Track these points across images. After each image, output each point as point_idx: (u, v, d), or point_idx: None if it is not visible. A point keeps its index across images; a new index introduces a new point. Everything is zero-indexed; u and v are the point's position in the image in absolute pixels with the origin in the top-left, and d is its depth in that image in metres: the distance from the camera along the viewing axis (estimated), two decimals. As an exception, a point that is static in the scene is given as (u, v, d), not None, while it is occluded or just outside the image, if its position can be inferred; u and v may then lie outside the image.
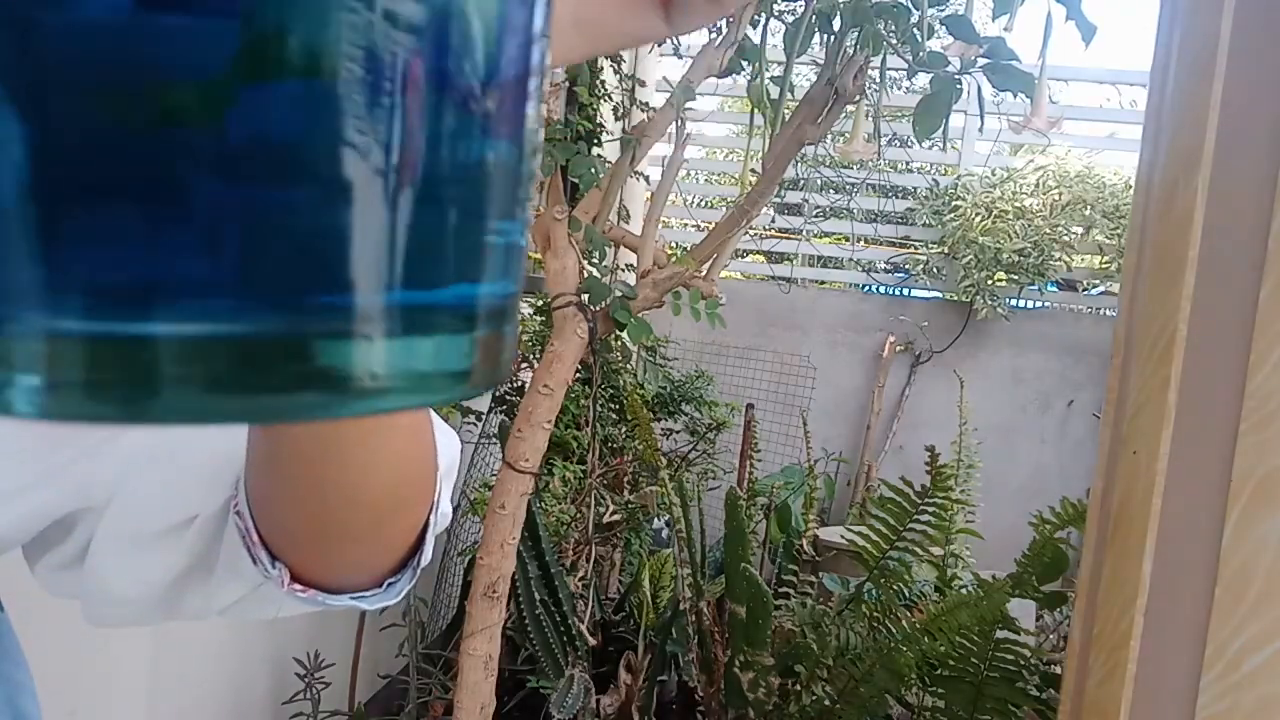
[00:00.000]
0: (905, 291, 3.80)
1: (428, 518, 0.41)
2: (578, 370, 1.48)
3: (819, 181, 3.75)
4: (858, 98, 1.48)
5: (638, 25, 0.21)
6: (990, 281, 3.41)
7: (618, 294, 1.45)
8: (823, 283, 3.95)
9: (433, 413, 0.45)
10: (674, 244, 3.81)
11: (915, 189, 3.80)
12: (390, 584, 0.41)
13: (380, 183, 0.14)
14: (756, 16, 1.48)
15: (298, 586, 0.39)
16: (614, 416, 2.26)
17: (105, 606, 0.44)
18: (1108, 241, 3.43)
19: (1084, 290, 3.67)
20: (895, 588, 1.69)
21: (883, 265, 3.88)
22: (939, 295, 3.64)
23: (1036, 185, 3.55)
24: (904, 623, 1.58)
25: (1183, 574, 0.71)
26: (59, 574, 0.43)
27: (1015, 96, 1.42)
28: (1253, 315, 0.68)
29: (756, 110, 1.56)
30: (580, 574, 1.90)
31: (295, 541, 0.39)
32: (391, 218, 0.14)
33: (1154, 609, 0.73)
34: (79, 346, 0.13)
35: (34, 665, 0.45)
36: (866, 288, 3.91)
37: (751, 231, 3.57)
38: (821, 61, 1.47)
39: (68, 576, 0.43)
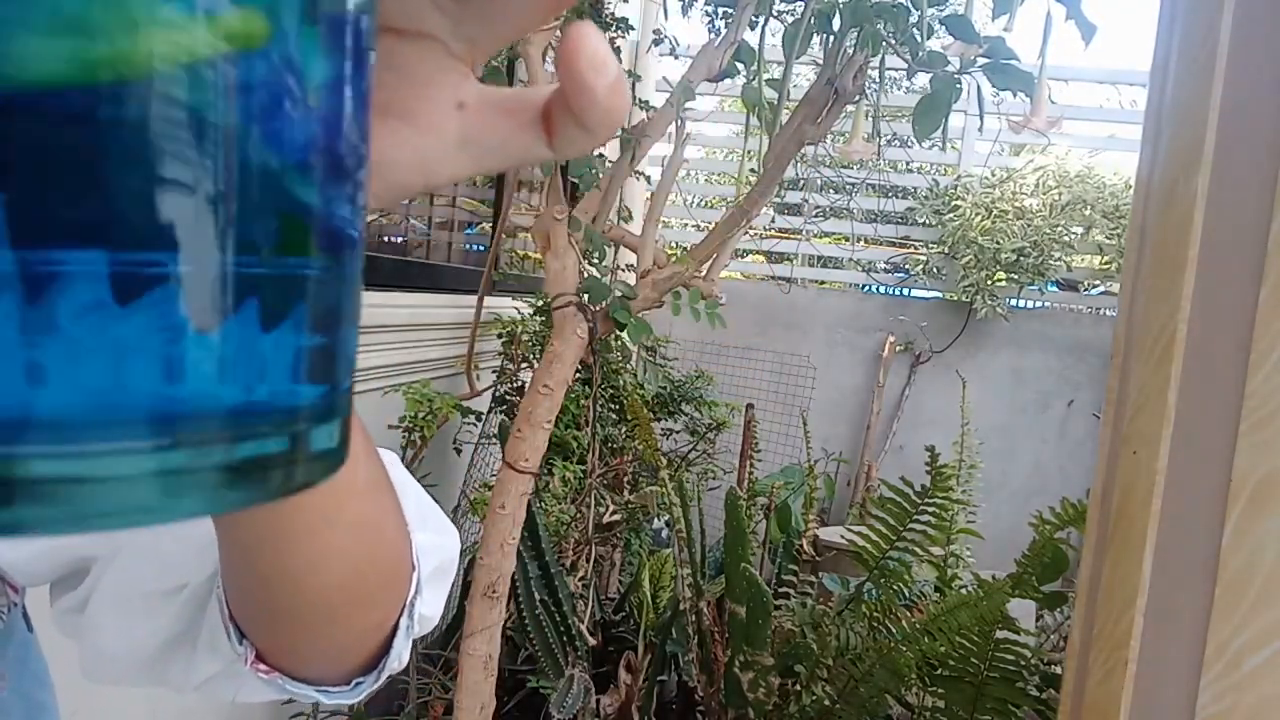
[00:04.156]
0: (905, 291, 3.80)
1: (398, 620, 0.41)
2: (578, 370, 1.48)
3: (819, 181, 3.75)
4: (857, 98, 1.48)
5: (522, 148, 0.22)
6: (990, 281, 3.41)
7: (618, 294, 1.45)
8: (823, 283, 3.95)
9: (435, 511, 0.45)
10: (674, 244, 3.81)
11: (915, 189, 3.80)
12: (356, 684, 0.41)
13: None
14: (755, 17, 1.48)
15: (261, 666, 0.39)
16: (614, 416, 2.26)
17: (97, 660, 0.45)
18: (1108, 241, 3.43)
19: (1084, 290, 3.67)
20: (895, 588, 1.69)
21: (883, 265, 3.88)
22: (939, 295, 3.64)
23: (1036, 185, 3.55)
24: (904, 623, 1.58)
25: (1183, 574, 0.71)
26: (69, 617, 0.45)
27: (1015, 96, 1.42)
28: (1253, 315, 0.68)
29: (752, 114, 1.56)
30: (580, 574, 1.90)
31: (254, 623, 0.39)
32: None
33: (1154, 609, 0.73)
34: None
35: (35, 665, 0.45)
36: (866, 288, 3.91)
37: (751, 231, 3.57)
38: (821, 61, 1.47)
39: (74, 621, 0.44)
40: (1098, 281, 3.63)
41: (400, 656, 0.42)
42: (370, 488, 0.37)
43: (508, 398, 2.24)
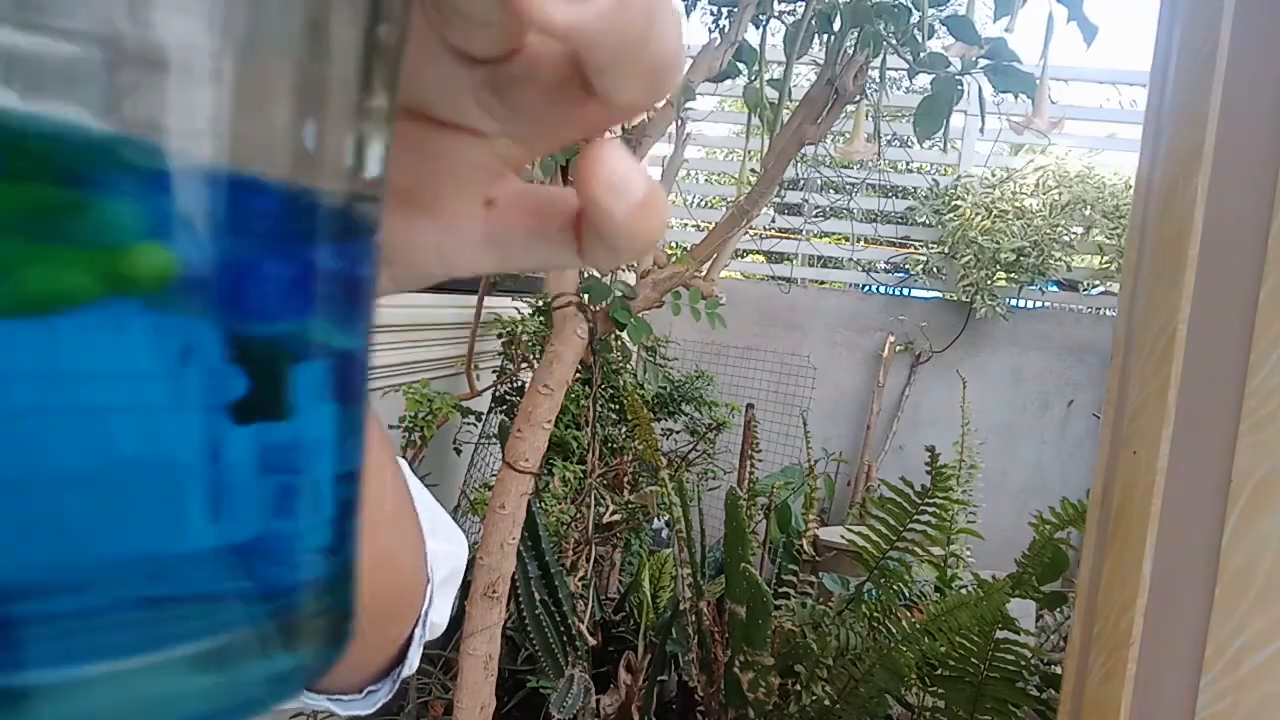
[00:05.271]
0: (905, 291, 3.80)
1: (411, 630, 0.41)
2: (578, 370, 1.48)
3: (819, 181, 3.75)
4: (858, 98, 1.48)
5: (548, 253, 0.21)
6: (990, 281, 3.41)
7: (618, 294, 1.45)
8: (823, 283, 3.95)
9: (444, 517, 0.45)
10: (674, 244, 3.81)
11: (915, 189, 3.80)
12: (370, 692, 0.42)
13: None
14: (758, 17, 1.48)
15: None
16: (614, 416, 2.26)
17: None
18: (1108, 241, 3.43)
19: (1084, 290, 3.67)
20: (895, 588, 1.69)
21: (883, 265, 3.88)
22: (939, 295, 3.64)
23: (1036, 185, 3.55)
24: (904, 623, 1.58)
25: (1183, 574, 0.71)
26: None
27: (1016, 97, 1.42)
28: (1253, 315, 0.68)
29: (753, 114, 1.56)
30: (580, 574, 1.90)
31: None
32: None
33: (1154, 609, 0.73)
34: None
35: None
36: (866, 288, 3.91)
37: (751, 231, 3.57)
38: (821, 62, 1.47)
39: None
40: (1098, 281, 3.63)
41: (412, 664, 0.42)
42: (395, 517, 0.36)
43: (508, 398, 2.24)
